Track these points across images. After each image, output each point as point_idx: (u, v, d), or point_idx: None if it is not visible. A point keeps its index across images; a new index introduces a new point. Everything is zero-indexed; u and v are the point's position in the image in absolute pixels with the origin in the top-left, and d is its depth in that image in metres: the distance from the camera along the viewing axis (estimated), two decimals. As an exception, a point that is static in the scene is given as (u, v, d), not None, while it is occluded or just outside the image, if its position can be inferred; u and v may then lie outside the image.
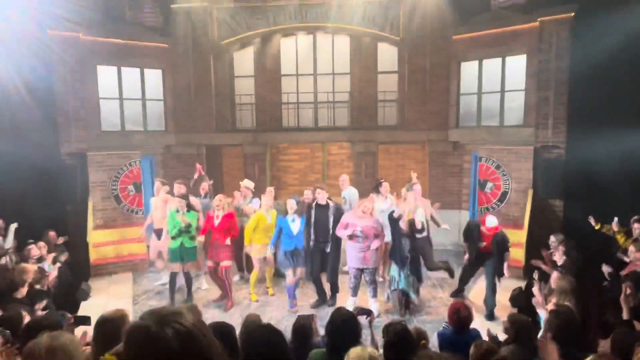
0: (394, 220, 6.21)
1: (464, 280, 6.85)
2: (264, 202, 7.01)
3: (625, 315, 3.71)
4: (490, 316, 6.20)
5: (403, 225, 6.17)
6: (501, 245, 6.16)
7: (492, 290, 6.27)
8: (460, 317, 3.72)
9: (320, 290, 6.64)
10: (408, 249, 6.17)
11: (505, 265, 6.23)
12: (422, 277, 6.51)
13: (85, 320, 3.34)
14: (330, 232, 6.46)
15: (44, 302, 4.89)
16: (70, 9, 8.18)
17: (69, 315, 3.91)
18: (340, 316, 3.17)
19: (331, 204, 6.58)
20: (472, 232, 6.47)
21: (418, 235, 6.41)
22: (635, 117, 6.65)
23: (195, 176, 8.11)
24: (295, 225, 6.46)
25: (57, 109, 8.55)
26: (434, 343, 4.25)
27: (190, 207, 6.72)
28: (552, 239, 6.40)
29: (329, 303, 6.61)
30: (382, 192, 7.33)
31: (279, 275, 7.33)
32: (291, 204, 6.52)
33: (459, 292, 6.87)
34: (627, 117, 6.75)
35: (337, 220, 6.40)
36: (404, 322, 3.28)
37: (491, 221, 6.26)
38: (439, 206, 7.81)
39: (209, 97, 10.11)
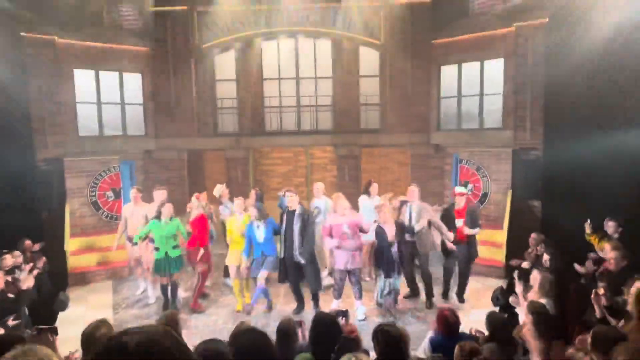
0: (380, 232, 6.24)
1: (447, 274, 6.97)
2: (235, 206, 6.73)
3: (597, 314, 3.76)
4: (460, 298, 6.83)
5: (389, 233, 6.20)
6: (473, 214, 6.67)
7: (462, 275, 6.84)
8: (448, 323, 3.73)
9: (298, 297, 6.52)
10: (395, 255, 6.22)
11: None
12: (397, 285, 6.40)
13: (52, 331, 3.15)
14: (297, 238, 6.13)
15: (15, 315, 4.73)
16: (45, 10, 7.98)
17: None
18: (320, 322, 3.16)
19: (298, 210, 6.22)
20: (448, 212, 6.88)
21: (409, 238, 6.51)
22: (610, 119, 6.85)
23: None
24: (260, 232, 6.22)
25: (33, 113, 8.31)
26: (425, 347, 4.27)
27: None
28: (533, 236, 6.51)
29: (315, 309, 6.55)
30: (372, 193, 7.45)
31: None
32: (251, 212, 6.27)
33: (446, 291, 7.02)
34: (602, 119, 6.95)
35: (304, 227, 6.13)
36: (394, 324, 3.28)
37: (459, 189, 7.14)
38: (438, 209, 7.51)
39: (190, 101, 10.00)
